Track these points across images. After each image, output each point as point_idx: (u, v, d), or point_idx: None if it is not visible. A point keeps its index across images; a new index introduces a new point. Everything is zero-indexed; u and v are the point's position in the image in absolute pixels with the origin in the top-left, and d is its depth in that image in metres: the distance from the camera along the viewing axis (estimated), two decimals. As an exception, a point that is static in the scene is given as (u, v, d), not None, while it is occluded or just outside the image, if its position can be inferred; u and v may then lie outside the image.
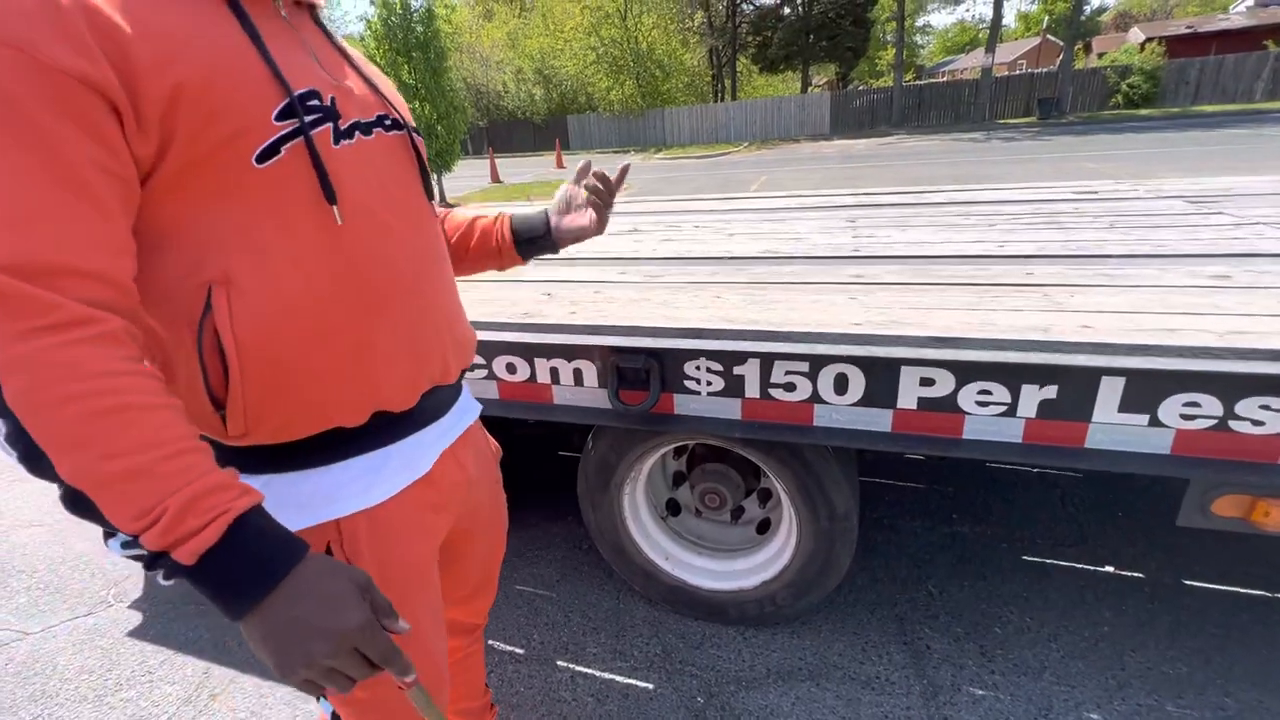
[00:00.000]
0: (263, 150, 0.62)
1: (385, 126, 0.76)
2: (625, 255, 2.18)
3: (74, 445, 0.51)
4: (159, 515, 0.52)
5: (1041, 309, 1.34)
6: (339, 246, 0.68)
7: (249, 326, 0.63)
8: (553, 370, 1.49)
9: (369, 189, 0.71)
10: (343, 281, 0.68)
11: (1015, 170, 10.13)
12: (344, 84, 0.72)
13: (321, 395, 0.69)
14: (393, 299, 0.72)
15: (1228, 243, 1.73)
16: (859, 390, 1.27)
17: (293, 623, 0.56)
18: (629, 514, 1.73)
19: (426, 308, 0.78)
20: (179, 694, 1.68)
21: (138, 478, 0.52)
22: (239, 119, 0.61)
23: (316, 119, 0.66)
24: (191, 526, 0.53)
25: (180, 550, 0.53)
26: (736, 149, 20.08)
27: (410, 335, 0.75)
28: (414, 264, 0.76)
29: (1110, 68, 20.40)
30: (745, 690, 1.58)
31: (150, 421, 0.54)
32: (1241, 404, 1.06)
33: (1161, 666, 1.56)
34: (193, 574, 0.54)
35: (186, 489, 0.53)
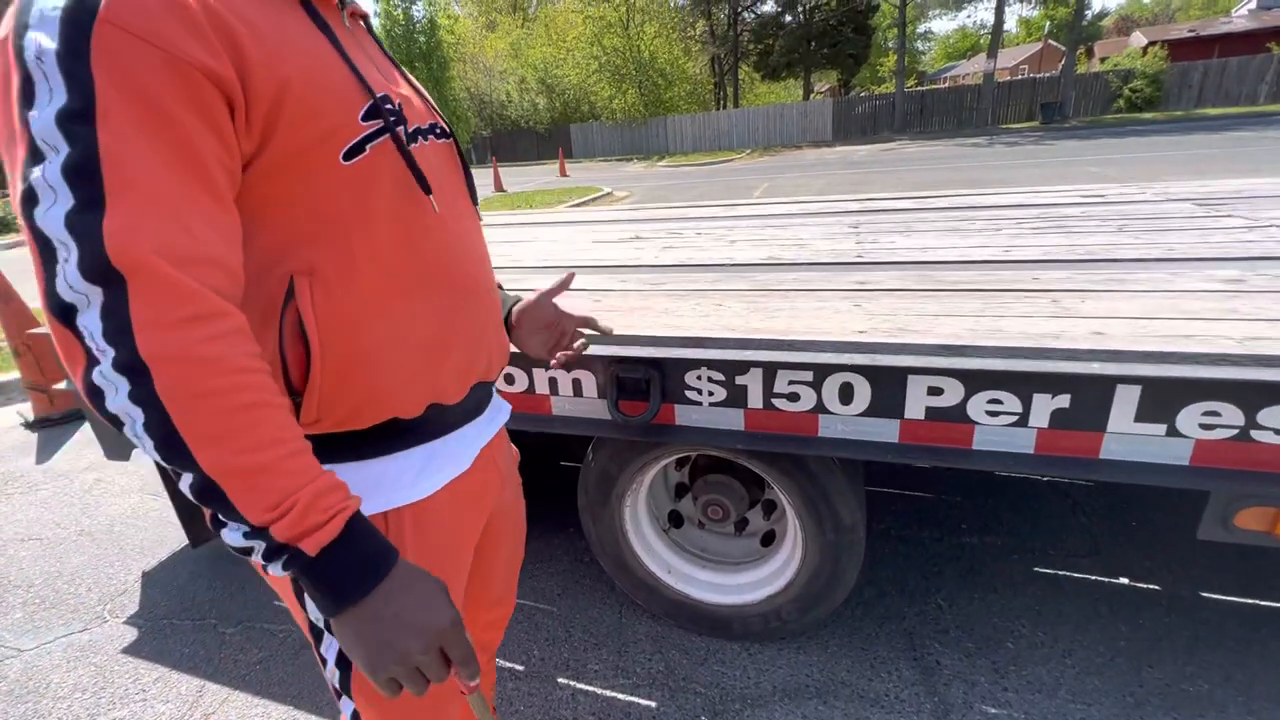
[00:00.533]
0: (350, 148, 0.64)
1: (436, 134, 0.78)
2: (626, 263, 2.15)
3: (216, 438, 0.52)
4: (289, 508, 0.54)
5: (1052, 315, 1.30)
6: (415, 242, 0.71)
7: (331, 317, 0.65)
8: (551, 381, 1.46)
9: (439, 190, 0.74)
10: (419, 276, 0.71)
11: (1019, 175, 10.09)
12: (403, 92, 0.74)
13: (389, 386, 0.71)
14: (460, 295, 0.76)
15: (1241, 246, 1.69)
16: (865, 400, 1.23)
17: (391, 619, 0.59)
18: (630, 526, 1.69)
19: (483, 306, 0.82)
20: (172, 713, 1.64)
21: (268, 472, 0.54)
22: (331, 118, 0.63)
23: (394, 120, 0.68)
24: (317, 520, 0.56)
25: (306, 541, 0.55)
26: (739, 156, 20.11)
27: (470, 331, 0.79)
28: (472, 262, 0.79)
29: (1112, 72, 20.38)
30: (751, 709, 1.54)
31: (276, 419, 0.56)
32: (1264, 413, 1.02)
33: (1181, 684, 1.51)
34: (311, 565, 0.56)
35: (311, 485, 0.56)
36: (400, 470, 0.75)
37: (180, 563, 2.27)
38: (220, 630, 1.92)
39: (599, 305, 1.66)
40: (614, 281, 1.90)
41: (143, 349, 0.49)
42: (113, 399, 0.50)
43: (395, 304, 0.69)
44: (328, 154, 0.63)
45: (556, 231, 2.95)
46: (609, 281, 1.90)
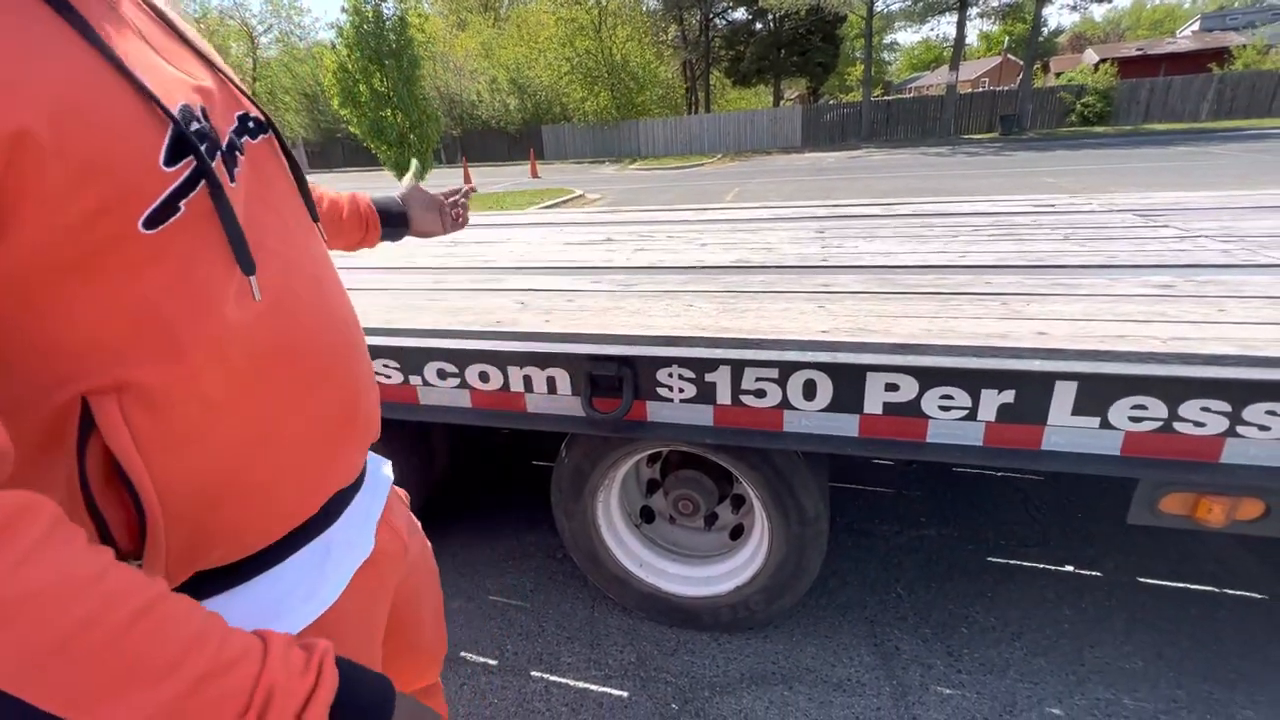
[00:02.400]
0: (152, 212, 0.45)
1: (250, 131, 0.58)
2: (599, 264, 2.19)
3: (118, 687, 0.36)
4: (266, 696, 0.42)
5: (1000, 316, 1.39)
6: (264, 321, 0.53)
7: (162, 445, 0.48)
8: (526, 378, 1.50)
9: (269, 230, 0.55)
10: (273, 358, 0.54)
11: (979, 184, 10.45)
12: (203, 81, 0.53)
13: (270, 505, 0.56)
14: (324, 361, 0.60)
15: (1174, 254, 1.81)
16: (827, 396, 1.30)
17: None
18: (603, 522, 1.73)
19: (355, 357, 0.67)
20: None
21: (211, 681, 0.40)
22: (117, 175, 0.43)
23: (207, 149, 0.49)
24: (307, 685, 0.44)
25: (309, 712, 0.43)
26: (710, 160, 20.33)
27: (351, 395, 0.64)
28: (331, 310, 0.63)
29: (1065, 87, 21.24)
30: (719, 695, 1.59)
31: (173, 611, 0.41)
32: (1184, 406, 1.11)
33: (1119, 662, 1.62)
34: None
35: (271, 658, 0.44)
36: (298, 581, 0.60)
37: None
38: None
39: (571, 305, 1.69)
40: (586, 282, 1.94)
41: None
42: None
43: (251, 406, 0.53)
44: (117, 226, 0.44)
45: (529, 233, 2.97)
46: (581, 282, 1.94)
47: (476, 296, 1.86)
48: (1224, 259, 1.73)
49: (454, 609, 1.91)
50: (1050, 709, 1.50)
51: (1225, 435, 1.12)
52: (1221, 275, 1.58)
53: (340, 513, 0.65)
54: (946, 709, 1.52)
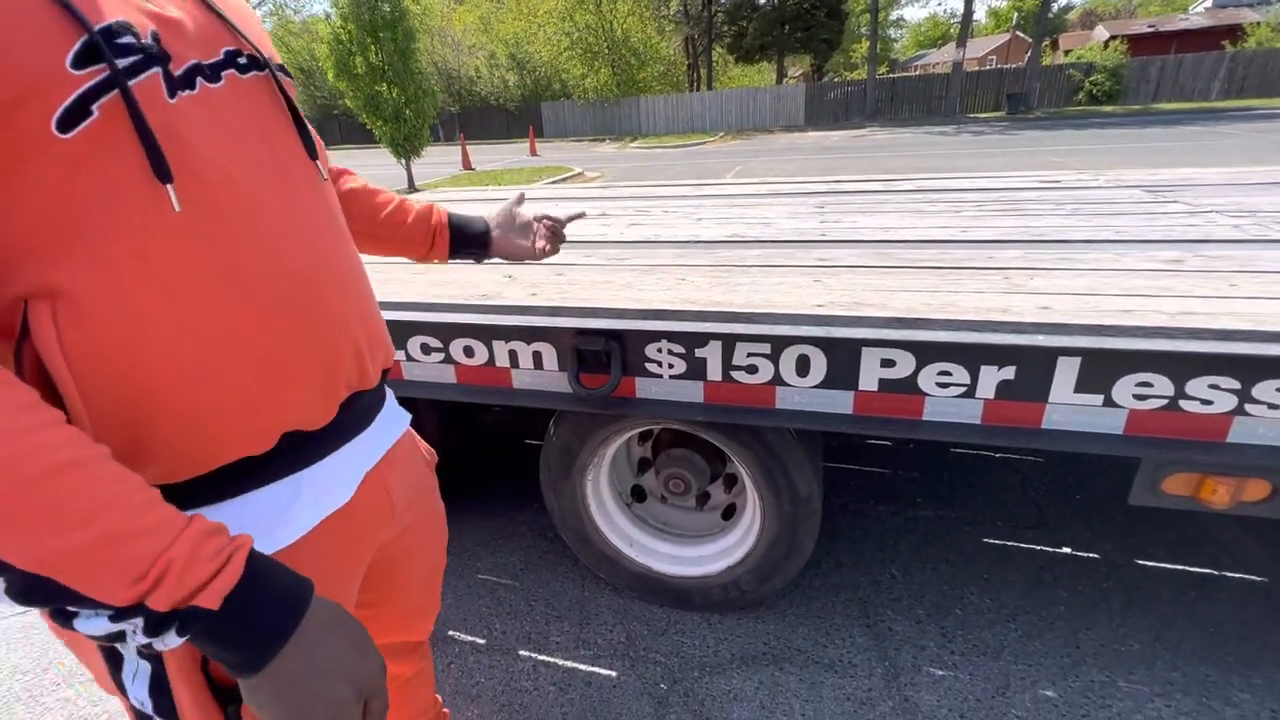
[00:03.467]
0: (64, 112, 0.46)
1: (239, 67, 0.59)
2: (591, 238, 2.14)
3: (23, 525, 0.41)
4: (162, 571, 0.44)
5: (1002, 291, 1.34)
6: (202, 234, 0.53)
7: (89, 352, 0.49)
8: (511, 353, 1.45)
9: (227, 153, 0.55)
10: (214, 281, 0.54)
11: (984, 163, 10.30)
12: (168, 13, 0.54)
13: (209, 428, 0.55)
14: (288, 292, 0.59)
15: (1183, 229, 1.75)
16: (821, 372, 1.26)
17: (322, 665, 0.51)
18: (592, 501, 1.70)
19: (330, 298, 0.64)
20: (120, 693, 1.60)
21: (118, 540, 0.44)
22: (20, 73, 0.44)
23: (135, 62, 0.49)
24: (208, 571, 0.46)
25: (204, 595, 0.46)
26: (712, 139, 20.06)
27: (315, 334, 0.62)
28: (306, 241, 0.62)
29: (1074, 65, 20.85)
30: (709, 676, 1.57)
31: (99, 473, 0.45)
32: (1191, 383, 1.07)
33: (1114, 644, 1.59)
34: (217, 623, 0.47)
35: (183, 538, 0.46)
36: (260, 514, 0.60)
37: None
38: (172, 609, 1.88)
39: (562, 279, 1.64)
40: (579, 256, 1.89)
41: None
42: None
43: (189, 321, 0.53)
44: (30, 124, 0.45)
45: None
46: (574, 256, 1.89)
47: (463, 270, 1.81)
48: (1235, 234, 1.67)
49: (446, 590, 1.89)
50: (1044, 691, 1.48)
51: (1233, 414, 1.07)
52: (1232, 250, 1.53)
53: (318, 458, 0.65)
54: (939, 690, 1.50)
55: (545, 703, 1.52)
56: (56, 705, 1.58)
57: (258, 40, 0.63)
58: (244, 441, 0.58)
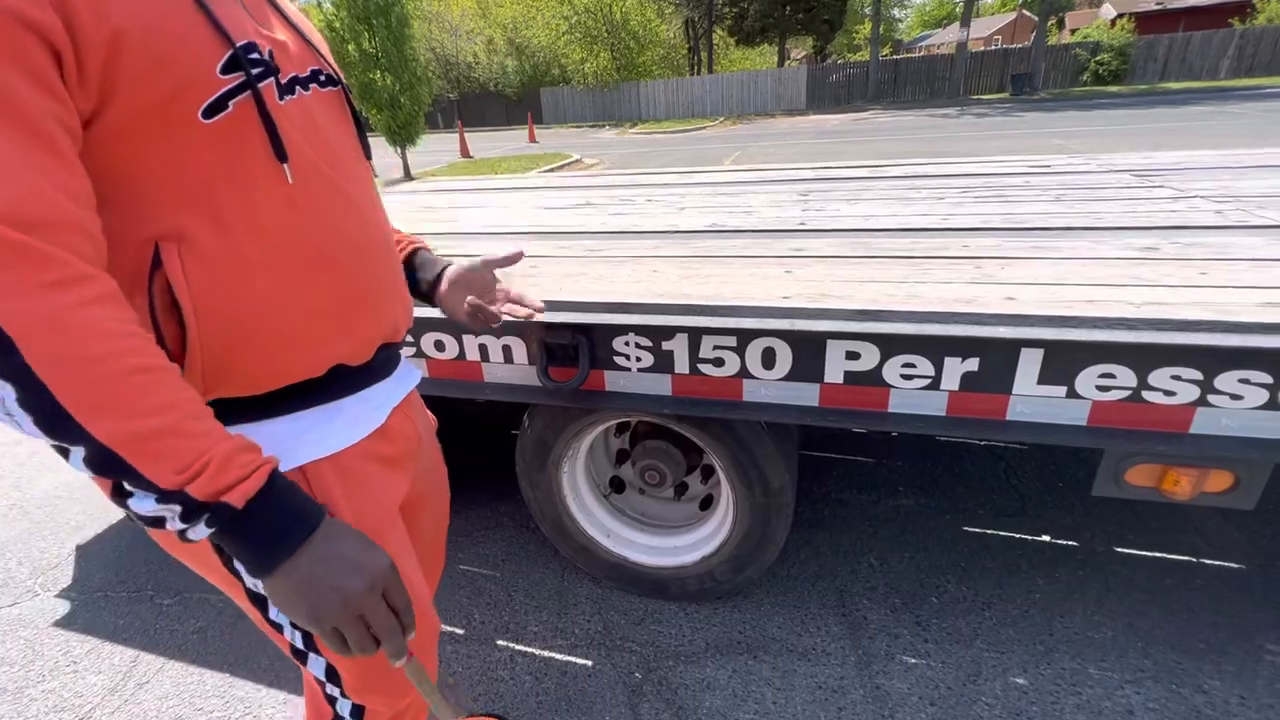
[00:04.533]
0: (209, 104, 0.60)
1: (320, 82, 0.74)
2: (571, 229, 2.12)
3: (106, 406, 0.50)
4: (202, 467, 0.53)
5: (971, 281, 1.32)
6: (294, 205, 0.67)
7: (205, 286, 0.62)
8: (481, 348, 1.45)
9: (314, 147, 0.70)
10: (299, 241, 0.68)
11: (985, 146, 10.17)
12: (277, 36, 0.70)
13: (282, 354, 0.69)
14: (347, 258, 0.73)
15: (1164, 215, 1.73)
16: (787, 365, 1.25)
17: (331, 560, 0.59)
18: (569, 492, 1.71)
19: (378, 268, 0.79)
20: (104, 684, 1.63)
21: (172, 434, 0.53)
22: (182, 71, 0.58)
23: (260, 73, 0.64)
24: (237, 475, 0.55)
25: (232, 494, 0.55)
26: (712, 124, 19.87)
27: (365, 293, 0.76)
28: (362, 222, 0.76)
29: (1081, 44, 20.51)
30: (683, 664, 1.58)
31: (169, 382, 0.55)
32: (1154, 374, 1.06)
33: (1088, 631, 1.60)
34: (238, 520, 0.56)
35: (222, 444, 0.56)
36: (310, 426, 0.74)
37: (117, 536, 2.22)
38: (156, 601, 1.90)
39: (534, 271, 1.64)
40: (553, 248, 1.88)
41: (3, 319, 0.47)
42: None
43: (279, 270, 0.66)
44: (184, 111, 0.59)
45: (508, 197, 2.89)
46: (548, 248, 1.88)
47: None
48: (1216, 220, 1.65)
49: (424, 578, 1.91)
50: (1015, 678, 1.49)
51: (1196, 405, 1.06)
52: (1209, 237, 1.51)
53: (356, 390, 0.78)
54: (910, 678, 1.51)
55: (521, 692, 1.54)
56: (41, 696, 1.61)
57: (332, 63, 0.79)
58: (306, 367, 0.72)
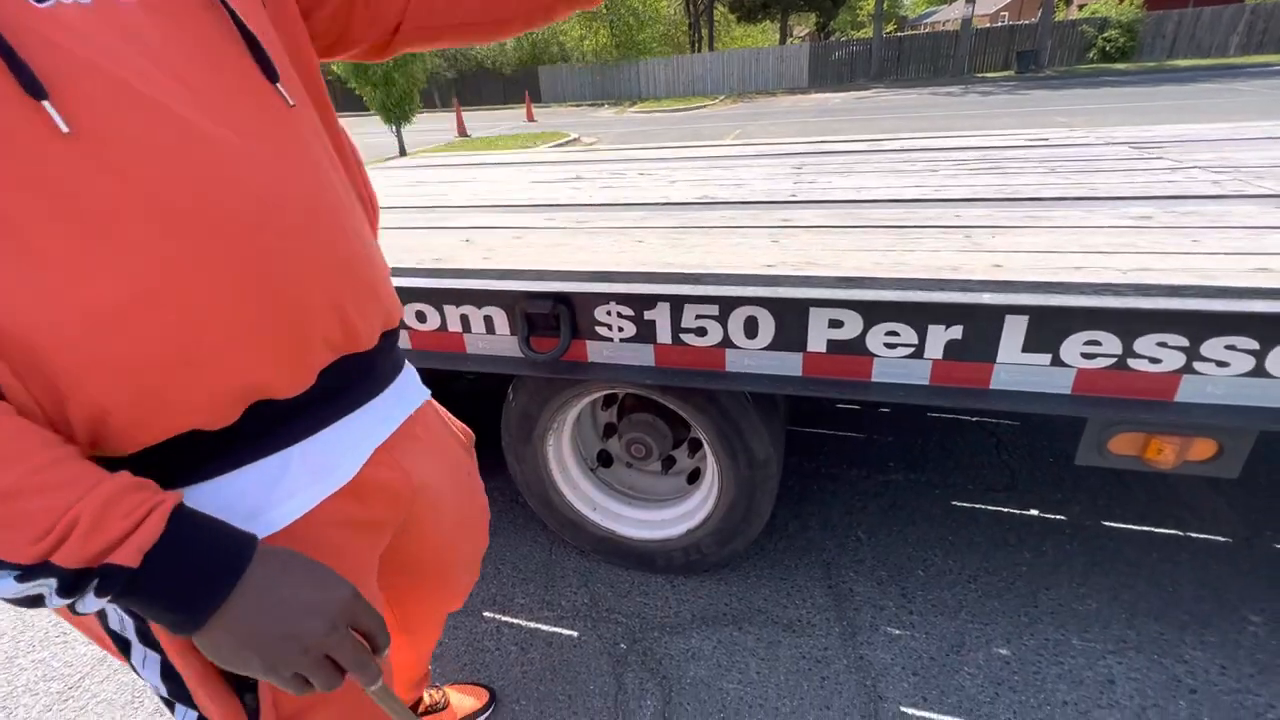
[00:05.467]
0: None
1: None
2: (560, 202, 2.09)
3: None
4: (69, 527, 0.43)
5: (959, 249, 1.30)
6: (106, 163, 0.46)
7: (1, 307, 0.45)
8: (463, 318, 1.43)
9: (139, 74, 0.48)
10: (128, 218, 0.47)
11: (987, 125, 10.04)
12: None
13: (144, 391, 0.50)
14: (223, 234, 0.51)
15: (1161, 185, 1.70)
16: (769, 334, 1.23)
17: (281, 605, 0.50)
18: (554, 465, 1.70)
19: (291, 241, 0.56)
20: (94, 654, 1.64)
21: (18, 496, 0.42)
22: None
23: None
24: (121, 528, 0.44)
25: (119, 553, 0.44)
26: (712, 102, 19.61)
27: (269, 284, 0.54)
28: (254, 179, 0.53)
29: (1088, 21, 20.15)
30: (668, 635, 1.59)
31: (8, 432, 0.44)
32: (1140, 341, 1.04)
33: (1072, 603, 1.60)
34: (139, 580, 0.45)
35: (93, 494, 0.44)
36: (239, 492, 0.56)
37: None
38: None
39: (518, 242, 1.61)
40: (541, 219, 1.85)
41: None
42: None
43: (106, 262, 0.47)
44: None
45: (497, 172, 2.85)
46: (536, 219, 1.85)
47: (424, 235, 1.78)
48: (1213, 190, 1.62)
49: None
50: (998, 649, 1.50)
51: (1182, 372, 1.05)
52: (1205, 206, 1.48)
53: (308, 432, 0.60)
54: (894, 649, 1.52)
55: (506, 662, 1.55)
56: (30, 665, 1.62)
57: None
58: (192, 409, 0.53)
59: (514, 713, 1.43)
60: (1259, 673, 1.40)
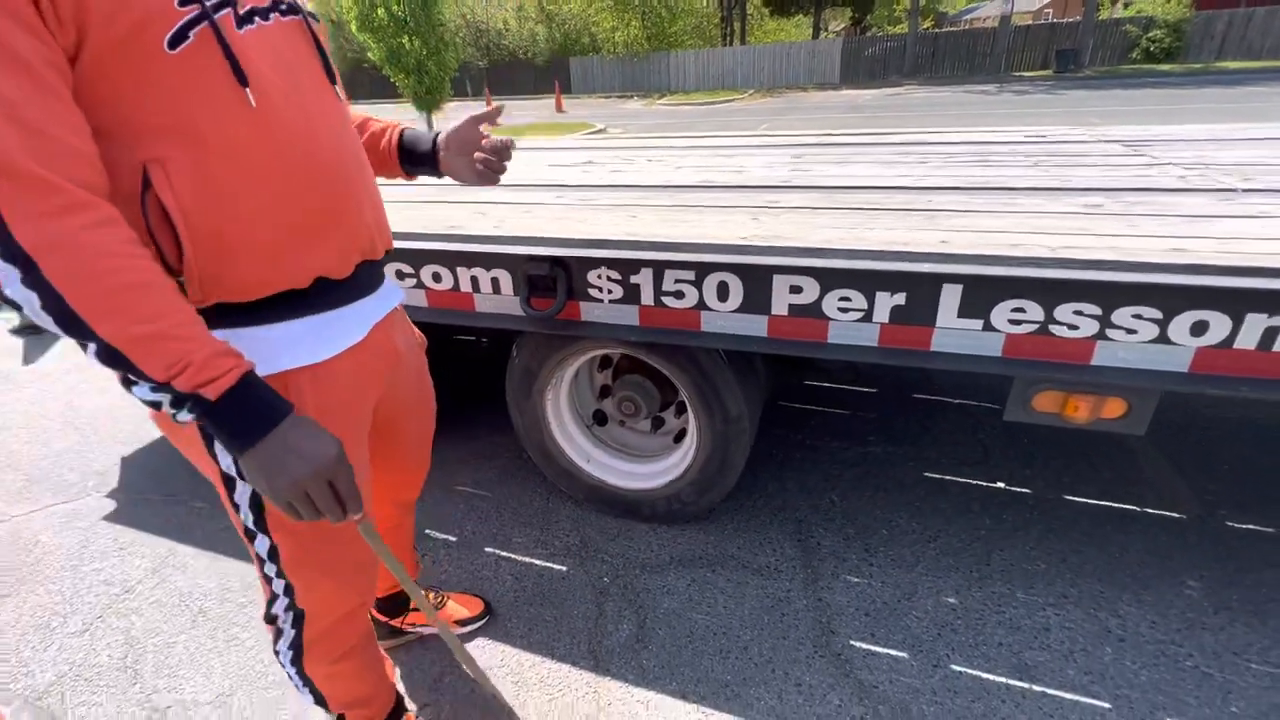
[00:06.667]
0: (172, 36, 0.66)
1: (281, 11, 0.80)
2: (568, 183, 2.26)
3: (110, 313, 0.62)
4: (184, 367, 0.66)
5: (916, 228, 1.44)
6: (261, 127, 0.73)
7: (190, 202, 0.70)
8: (473, 279, 1.61)
9: (278, 72, 0.75)
10: (270, 160, 0.74)
11: (1014, 123, 9.91)
12: None
13: (266, 264, 0.77)
14: (318, 176, 0.79)
15: (1129, 179, 1.81)
16: (739, 297, 1.39)
17: (286, 451, 0.72)
18: (552, 419, 1.88)
19: (350, 186, 0.85)
20: (145, 565, 1.87)
21: (162, 339, 0.65)
22: (142, 6, 0.65)
23: (216, 3, 0.70)
24: (212, 374, 0.67)
25: (208, 389, 0.67)
26: (741, 96, 19.58)
27: (339, 210, 0.83)
28: (332, 144, 0.82)
29: (1132, 20, 19.59)
30: (648, 574, 1.76)
31: (163, 294, 0.66)
32: (1059, 309, 1.18)
33: (1023, 564, 1.73)
34: (214, 409, 0.68)
35: (204, 349, 0.67)
36: (296, 336, 0.83)
37: (157, 449, 2.48)
38: (190, 504, 2.14)
39: (527, 215, 1.79)
40: (550, 197, 2.02)
41: (23, 241, 0.58)
42: (9, 287, 0.60)
43: (254, 186, 0.73)
44: (150, 43, 0.65)
45: (517, 156, 3.03)
46: (546, 197, 2.02)
47: (444, 208, 1.96)
48: (1176, 184, 1.72)
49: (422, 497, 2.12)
50: (947, 598, 1.64)
51: (1096, 338, 1.18)
52: (1159, 197, 1.59)
53: (340, 304, 0.88)
54: (851, 594, 1.67)
55: (501, 589, 1.74)
56: (91, 573, 1.86)
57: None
58: (290, 278, 0.80)
59: (506, 629, 1.62)
60: (1186, 628, 1.52)
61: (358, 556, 1.00)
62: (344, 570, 1.00)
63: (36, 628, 1.69)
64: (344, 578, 1.01)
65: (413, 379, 1.13)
